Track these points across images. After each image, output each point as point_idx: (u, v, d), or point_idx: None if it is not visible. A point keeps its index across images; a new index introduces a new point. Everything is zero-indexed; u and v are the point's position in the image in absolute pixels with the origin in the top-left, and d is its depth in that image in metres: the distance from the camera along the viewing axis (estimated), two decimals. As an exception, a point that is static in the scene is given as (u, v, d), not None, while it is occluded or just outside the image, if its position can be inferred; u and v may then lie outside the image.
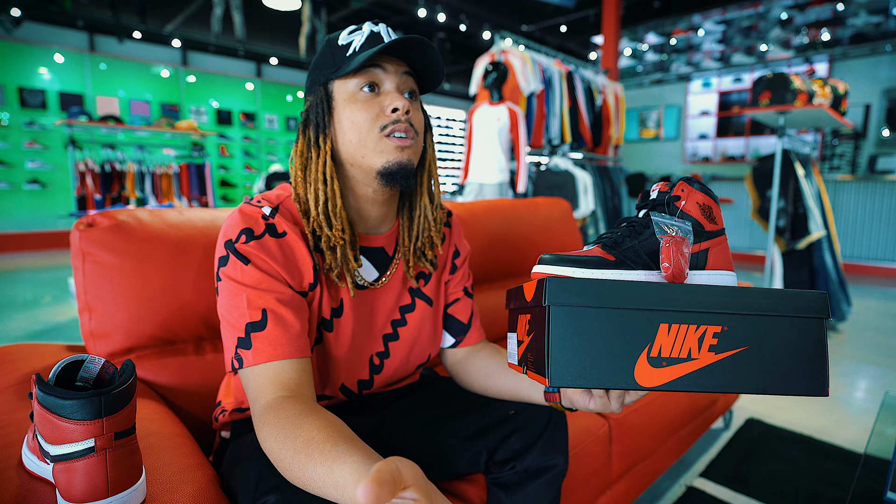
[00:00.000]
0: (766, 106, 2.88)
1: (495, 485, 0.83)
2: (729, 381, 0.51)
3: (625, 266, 0.56)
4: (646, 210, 0.61)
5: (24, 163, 6.39)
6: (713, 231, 0.59)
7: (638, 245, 0.57)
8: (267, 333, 0.63)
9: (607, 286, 0.50)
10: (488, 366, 0.83)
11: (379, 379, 0.81)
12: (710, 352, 0.51)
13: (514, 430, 0.81)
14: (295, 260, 0.69)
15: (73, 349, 0.95)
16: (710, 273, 0.59)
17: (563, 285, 0.49)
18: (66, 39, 6.81)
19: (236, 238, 0.66)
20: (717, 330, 0.51)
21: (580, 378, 0.49)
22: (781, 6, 6.35)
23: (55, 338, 2.88)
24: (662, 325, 0.50)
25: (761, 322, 0.52)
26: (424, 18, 6.97)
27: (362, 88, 0.69)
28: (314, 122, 0.71)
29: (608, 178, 4.39)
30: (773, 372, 0.52)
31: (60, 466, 0.48)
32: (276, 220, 0.69)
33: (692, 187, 0.59)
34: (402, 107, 0.68)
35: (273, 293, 0.65)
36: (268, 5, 5.56)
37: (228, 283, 0.66)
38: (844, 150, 5.94)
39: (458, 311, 0.89)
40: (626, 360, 0.50)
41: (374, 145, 0.69)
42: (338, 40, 0.71)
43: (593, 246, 0.60)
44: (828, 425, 1.92)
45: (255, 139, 8.63)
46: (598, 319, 0.50)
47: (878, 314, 3.66)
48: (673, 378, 0.50)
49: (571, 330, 0.49)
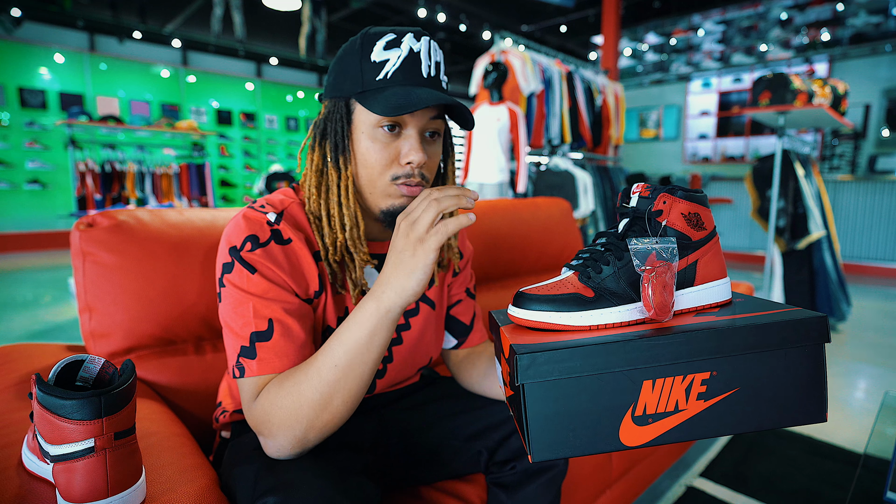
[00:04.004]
0: (766, 106, 2.88)
1: (495, 485, 0.83)
2: (721, 426, 0.48)
3: (603, 301, 0.52)
4: (626, 221, 0.57)
5: (25, 163, 6.39)
6: (701, 239, 0.55)
7: (618, 272, 0.53)
8: (272, 344, 0.62)
9: (583, 354, 0.46)
10: (488, 367, 0.83)
11: (381, 383, 0.81)
12: (699, 400, 0.47)
13: (513, 430, 0.81)
14: (300, 268, 0.68)
15: (73, 349, 0.95)
16: (699, 289, 0.55)
17: (536, 360, 0.46)
18: (66, 39, 6.81)
19: (241, 245, 0.65)
20: (705, 377, 0.47)
21: (563, 449, 0.47)
22: (781, 6, 6.35)
23: (55, 338, 2.88)
24: (646, 383, 0.47)
25: (753, 360, 0.48)
26: (424, 18, 6.97)
27: (383, 126, 0.65)
28: (332, 138, 0.68)
29: (608, 178, 4.39)
30: (768, 408, 0.49)
31: (60, 466, 0.48)
32: (282, 226, 0.67)
33: (675, 196, 0.55)
34: (416, 161, 0.65)
35: (279, 303, 0.64)
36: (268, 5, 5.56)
37: (233, 290, 0.64)
38: (844, 150, 5.94)
39: (461, 313, 0.89)
40: (609, 424, 0.47)
41: (382, 189, 0.68)
42: (372, 52, 0.65)
43: (571, 272, 0.56)
44: (828, 425, 1.92)
45: (255, 139, 8.63)
46: (577, 388, 0.46)
47: (877, 314, 3.66)
48: (661, 433, 0.47)
49: (549, 405, 0.46)
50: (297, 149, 9.07)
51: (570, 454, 0.47)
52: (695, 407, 0.48)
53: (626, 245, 0.54)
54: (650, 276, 0.49)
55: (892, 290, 4.52)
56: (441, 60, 0.69)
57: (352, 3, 6.77)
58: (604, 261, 0.54)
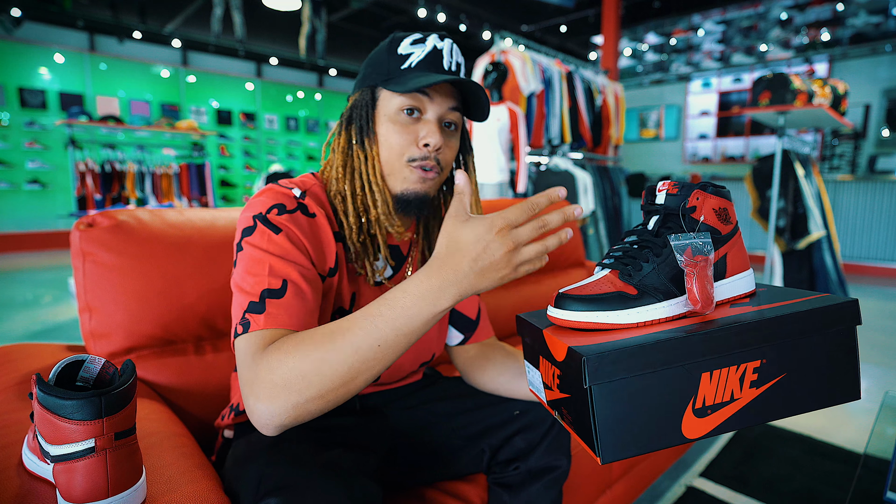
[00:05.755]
0: (766, 106, 2.88)
1: (498, 485, 0.83)
2: (771, 412, 0.50)
3: (647, 297, 0.53)
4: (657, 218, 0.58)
5: (25, 163, 6.39)
6: (729, 232, 0.57)
7: (658, 268, 0.54)
8: (284, 301, 0.60)
9: (646, 351, 0.47)
10: (504, 365, 0.82)
11: (384, 373, 0.81)
12: (752, 388, 0.49)
13: (518, 430, 0.81)
14: (321, 242, 0.69)
15: (73, 349, 0.95)
16: (731, 281, 0.57)
17: (602, 362, 0.46)
18: (66, 39, 6.81)
19: (267, 210, 0.66)
20: (756, 365, 0.49)
21: (630, 448, 0.48)
22: (781, 6, 6.35)
23: (55, 338, 2.88)
24: (704, 375, 0.48)
25: (798, 345, 0.50)
26: (424, 18, 6.97)
27: (404, 110, 0.69)
28: (357, 123, 0.72)
29: (608, 178, 4.39)
30: (811, 389, 0.51)
31: (61, 466, 0.48)
32: (307, 201, 0.69)
33: (707, 193, 0.56)
34: (433, 144, 0.69)
35: (298, 266, 0.64)
36: (268, 5, 5.56)
37: (252, 250, 0.64)
38: (844, 150, 5.94)
39: (465, 308, 0.89)
40: (672, 418, 0.48)
41: (399, 170, 0.71)
42: (399, 46, 0.70)
43: (607, 271, 0.56)
44: (828, 425, 1.92)
45: (255, 139, 8.62)
46: (641, 387, 0.47)
47: (878, 314, 3.66)
48: (719, 423, 0.49)
49: (616, 406, 0.47)
50: (297, 149, 9.07)
51: (637, 452, 0.48)
52: (748, 395, 0.49)
53: (664, 241, 0.55)
54: (694, 270, 0.51)
55: (892, 290, 4.52)
56: (462, 64, 0.73)
57: (352, 3, 6.77)
58: (643, 258, 0.55)
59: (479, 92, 0.70)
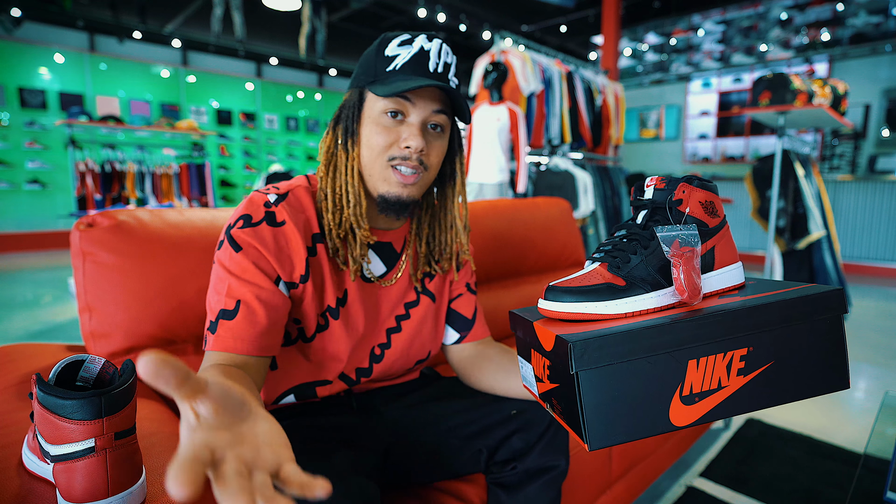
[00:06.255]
0: (766, 106, 2.88)
1: (496, 485, 0.83)
2: (759, 400, 0.50)
3: (635, 289, 0.53)
4: (645, 212, 0.59)
5: (25, 163, 6.39)
6: (717, 225, 0.57)
7: (646, 260, 0.55)
8: (233, 325, 0.64)
9: (633, 337, 0.47)
10: (500, 364, 0.82)
11: (378, 368, 0.82)
12: (739, 376, 0.50)
13: (515, 430, 0.81)
14: (289, 250, 0.70)
15: (73, 349, 0.95)
16: (719, 273, 0.57)
17: (588, 347, 0.46)
18: (66, 39, 6.81)
19: (234, 223, 0.69)
20: (743, 353, 0.50)
21: (618, 435, 0.48)
22: (781, 6, 6.35)
23: (55, 338, 2.88)
24: (691, 362, 0.48)
25: (784, 333, 0.51)
26: (424, 18, 6.97)
27: (387, 113, 0.70)
28: (344, 123, 0.73)
29: (608, 178, 4.39)
30: (799, 378, 0.51)
31: (61, 466, 0.48)
32: (279, 208, 0.70)
33: (692, 186, 0.57)
34: (414, 147, 0.69)
35: (253, 286, 0.66)
36: (268, 5, 5.56)
37: (218, 268, 0.68)
38: (844, 150, 5.93)
39: (462, 306, 0.89)
40: (659, 406, 0.48)
41: (380, 171, 0.71)
42: (386, 48, 0.71)
43: (597, 264, 0.57)
44: (828, 425, 1.92)
45: (255, 139, 8.62)
46: (628, 373, 0.48)
47: (878, 314, 3.66)
48: (707, 411, 0.49)
49: (603, 391, 0.47)
50: (297, 149, 9.09)
51: (625, 439, 0.48)
52: (736, 383, 0.50)
53: (651, 234, 0.56)
54: (680, 261, 0.51)
55: (892, 290, 4.52)
56: (452, 63, 0.73)
57: (352, 3, 6.77)
58: (630, 250, 0.56)
59: (458, 97, 0.70)
